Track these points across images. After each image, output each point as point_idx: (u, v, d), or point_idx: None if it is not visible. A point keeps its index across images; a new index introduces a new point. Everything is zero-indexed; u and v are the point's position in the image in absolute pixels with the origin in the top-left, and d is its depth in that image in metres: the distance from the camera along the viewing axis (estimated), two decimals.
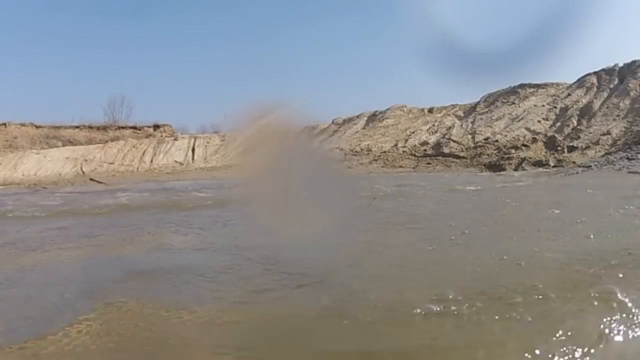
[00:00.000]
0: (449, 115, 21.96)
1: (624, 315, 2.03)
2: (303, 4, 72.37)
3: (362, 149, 21.06)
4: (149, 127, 33.32)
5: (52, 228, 5.52)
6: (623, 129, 15.44)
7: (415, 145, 19.98)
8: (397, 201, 7.40)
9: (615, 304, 2.12)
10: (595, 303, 2.16)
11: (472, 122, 20.14)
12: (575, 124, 16.98)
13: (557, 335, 1.85)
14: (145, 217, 6.30)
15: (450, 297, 2.29)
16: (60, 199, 10.53)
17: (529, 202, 6.73)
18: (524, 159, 15.46)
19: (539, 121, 18.12)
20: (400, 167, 18.25)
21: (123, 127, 33.17)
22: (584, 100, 18.01)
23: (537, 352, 1.74)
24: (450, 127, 20.32)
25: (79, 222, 6.09)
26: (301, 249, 3.29)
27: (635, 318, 2.01)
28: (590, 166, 12.93)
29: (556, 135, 16.68)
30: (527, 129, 17.87)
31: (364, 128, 23.92)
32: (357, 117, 25.30)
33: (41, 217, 6.87)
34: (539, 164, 14.89)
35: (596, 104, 17.32)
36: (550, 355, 1.72)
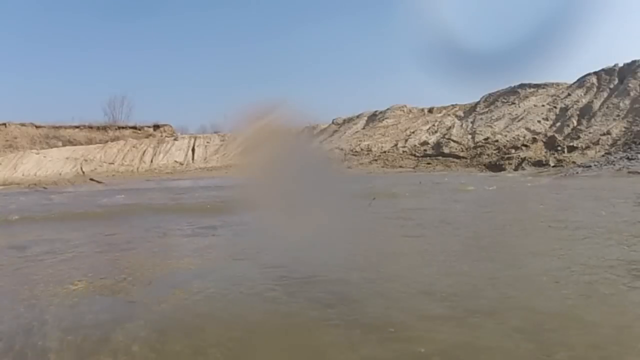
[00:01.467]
0: (449, 115, 21.97)
1: None
2: (303, 5, 72.39)
3: (362, 149, 21.06)
4: (149, 127, 33.37)
5: (67, 230, 5.45)
6: (623, 129, 15.44)
7: (415, 145, 19.97)
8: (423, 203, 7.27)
9: None
10: None
11: (472, 122, 20.14)
12: (575, 124, 16.98)
13: None
14: (159, 221, 6.15)
15: None
16: (68, 199, 10.53)
17: (573, 204, 6.56)
18: (524, 159, 15.46)
19: (539, 121, 18.12)
20: (400, 167, 18.24)
21: (123, 127, 33.22)
22: (584, 100, 18.02)
23: None
24: (450, 127, 20.32)
25: (91, 224, 6.03)
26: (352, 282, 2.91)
27: None
28: (590, 166, 12.93)
29: (556, 135, 16.68)
30: (527, 129, 17.88)
31: (364, 128, 23.93)
32: (357, 117, 25.31)
33: (54, 219, 6.74)
34: (539, 164, 14.89)
35: (596, 104, 17.32)
36: None
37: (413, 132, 21.19)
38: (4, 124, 30.11)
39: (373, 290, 2.74)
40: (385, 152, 20.23)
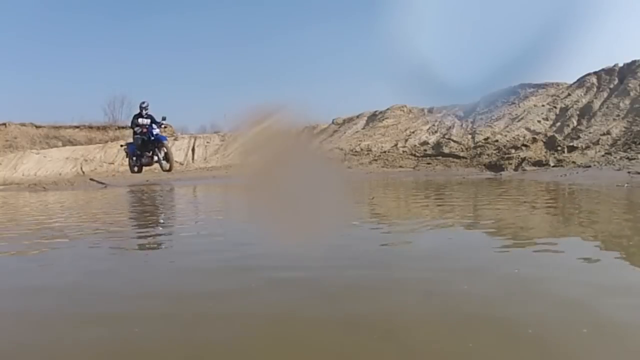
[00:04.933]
0: (449, 115, 21.96)
1: None
2: (303, 5, 72.42)
3: (362, 149, 21.06)
4: None
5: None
6: (623, 129, 15.44)
7: (415, 145, 19.98)
8: None
9: None
10: None
11: (472, 122, 20.15)
12: (575, 124, 16.99)
13: None
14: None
15: None
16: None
17: None
18: (524, 159, 15.46)
19: (539, 121, 18.13)
20: (400, 167, 18.25)
21: (123, 127, 33.21)
22: (584, 100, 18.02)
23: None
24: (450, 127, 20.32)
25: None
26: None
27: None
28: (590, 166, 12.95)
29: (556, 135, 16.69)
30: (527, 129, 17.88)
31: (364, 128, 23.92)
32: (357, 117, 25.30)
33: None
34: (539, 163, 14.90)
35: (596, 104, 17.33)
36: None
37: (413, 132, 21.19)
38: (4, 124, 30.12)
39: None
40: (385, 152, 20.23)
